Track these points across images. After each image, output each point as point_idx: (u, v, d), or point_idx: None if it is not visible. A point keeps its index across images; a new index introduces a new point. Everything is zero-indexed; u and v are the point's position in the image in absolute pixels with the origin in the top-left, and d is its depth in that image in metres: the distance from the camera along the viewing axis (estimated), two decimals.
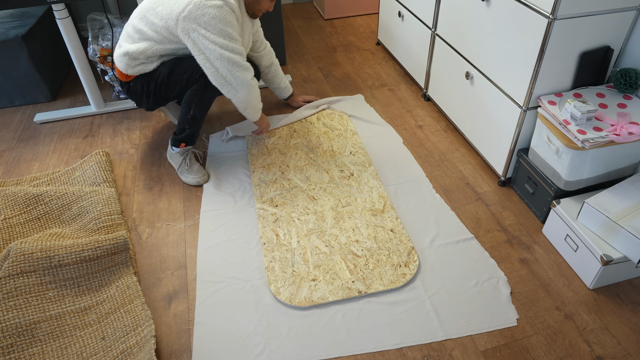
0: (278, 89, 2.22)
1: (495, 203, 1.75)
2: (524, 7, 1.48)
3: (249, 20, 1.79)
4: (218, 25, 1.57)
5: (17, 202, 1.68)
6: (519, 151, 1.71)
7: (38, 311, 1.34)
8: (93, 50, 2.20)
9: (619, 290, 1.43)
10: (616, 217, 1.36)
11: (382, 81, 2.53)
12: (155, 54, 1.70)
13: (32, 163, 2.02)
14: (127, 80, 1.78)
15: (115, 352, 1.27)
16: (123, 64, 1.72)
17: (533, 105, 1.59)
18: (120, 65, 1.73)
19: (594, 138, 1.40)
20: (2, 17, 2.43)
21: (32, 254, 1.39)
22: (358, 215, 1.69)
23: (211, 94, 1.76)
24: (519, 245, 1.59)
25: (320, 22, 3.27)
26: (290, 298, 1.42)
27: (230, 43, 1.61)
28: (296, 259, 1.54)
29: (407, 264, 1.51)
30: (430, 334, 1.33)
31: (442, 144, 2.06)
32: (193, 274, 1.53)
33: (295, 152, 2.00)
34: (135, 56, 1.69)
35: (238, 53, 1.64)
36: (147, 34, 1.66)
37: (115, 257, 1.50)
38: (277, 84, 2.20)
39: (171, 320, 1.39)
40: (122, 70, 1.74)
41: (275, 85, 2.21)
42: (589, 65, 1.54)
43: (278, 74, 2.17)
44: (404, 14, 2.41)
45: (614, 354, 1.27)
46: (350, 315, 1.38)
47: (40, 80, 2.36)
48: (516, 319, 1.36)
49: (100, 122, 2.27)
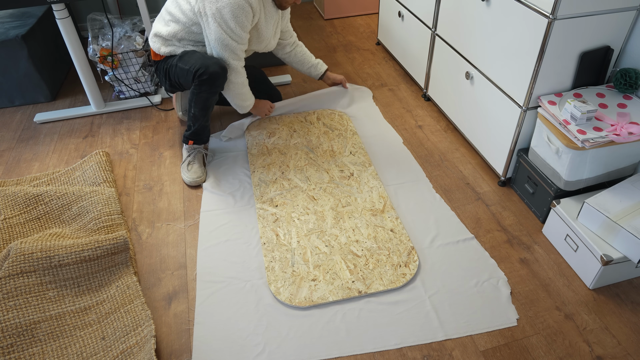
0: (311, 67, 2.20)
1: (495, 203, 1.75)
2: (524, 7, 1.48)
3: (275, 10, 1.84)
4: (228, 14, 1.64)
5: (17, 202, 1.68)
6: (519, 151, 1.71)
7: (38, 311, 1.34)
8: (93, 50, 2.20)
9: (619, 290, 1.43)
10: (616, 217, 1.36)
11: (382, 81, 2.53)
12: (185, 37, 1.79)
13: (32, 163, 2.02)
14: (158, 59, 1.88)
15: (115, 352, 1.27)
16: (156, 44, 1.83)
17: (533, 105, 1.59)
18: (154, 45, 1.84)
19: (594, 138, 1.40)
20: (2, 17, 2.43)
21: (32, 254, 1.39)
22: (358, 215, 1.69)
23: (206, 95, 1.78)
24: (519, 245, 1.59)
25: (320, 22, 3.27)
26: (290, 298, 1.42)
27: (232, 32, 1.68)
28: (296, 259, 1.54)
29: (407, 264, 1.51)
30: (430, 334, 1.33)
31: (442, 144, 2.06)
32: (193, 274, 1.53)
33: (295, 152, 2.00)
34: (167, 38, 1.80)
35: (235, 40, 1.71)
36: (176, 16, 1.76)
37: (115, 257, 1.50)
38: (307, 63, 2.19)
39: (171, 320, 1.39)
40: (155, 50, 1.84)
41: (307, 65, 2.19)
42: (589, 65, 1.54)
43: (305, 52, 2.18)
44: (404, 14, 2.41)
45: (614, 354, 1.27)
46: (350, 315, 1.38)
47: (40, 80, 2.36)
48: (516, 319, 1.36)
49: (100, 122, 2.27)
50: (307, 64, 2.18)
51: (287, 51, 2.14)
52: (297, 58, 2.16)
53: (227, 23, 1.65)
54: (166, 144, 2.10)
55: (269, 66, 2.71)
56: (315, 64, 2.20)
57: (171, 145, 2.09)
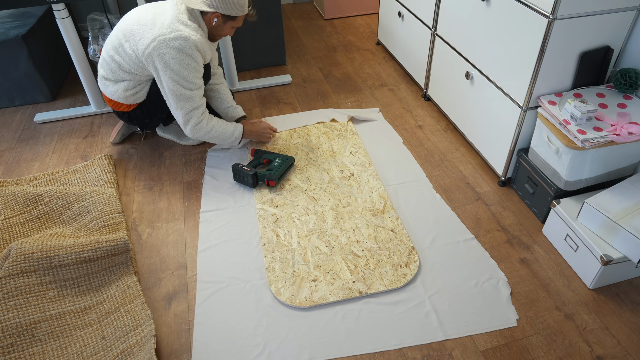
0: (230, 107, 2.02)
1: (495, 203, 1.75)
2: (524, 7, 1.48)
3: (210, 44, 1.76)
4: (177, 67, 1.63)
5: (17, 202, 1.68)
6: (519, 151, 1.71)
7: (38, 311, 1.34)
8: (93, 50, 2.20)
9: (619, 290, 1.43)
10: (616, 217, 1.36)
11: (382, 81, 2.53)
12: (142, 80, 1.77)
13: (32, 163, 2.02)
14: (128, 110, 1.85)
15: (116, 351, 1.27)
16: (121, 99, 1.79)
17: (533, 105, 1.59)
18: (119, 99, 1.80)
19: (594, 138, 1.40)
20: (2, 17, 2.43)
21: (32, 254, 1.39)
22: (358, 216, 1.69)
23: None
24: (519, 245, 1.59)
25: (320, 22, 3.27)
26: (290, 298, 1.42)
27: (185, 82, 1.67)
28: (296, 260, 1.54)
29: (408, 264, 1.51)
30: (430, 334, 1.33)
31: (442, 144, 2.06)
32: (193, 273, 1.53)
33: (296, 153, 2.00)
34: (126, 90, 1.77)
35: (188, 89, 1.69)
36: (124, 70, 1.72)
37: (115, 258, 1.50)
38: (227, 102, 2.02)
39: (171, 320, 1.39)
40: (123, 102, 1.80)
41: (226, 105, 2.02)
42: (589, 65, 1.54)
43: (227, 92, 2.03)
44: (404, 14, 2.41)
45: (614, 354, 1.27)
46: (350, 315, 1.38)
47: (40, 80, 2.36)
48: (516, 320, 1.36)
49: (101, 122, 2.27)
50: (227, 103, 2.02)
51: (215, 82, 1.99)
52: (219, 94, 2.00)
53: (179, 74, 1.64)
54: (166, 144, 2.10)
55: (269, 66, 2.71)
56: (235, 107, 2.03)
57: (171, 145, 2.09)
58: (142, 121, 1.89)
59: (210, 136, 1.81)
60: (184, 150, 2.06)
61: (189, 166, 1.97)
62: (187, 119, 1.74)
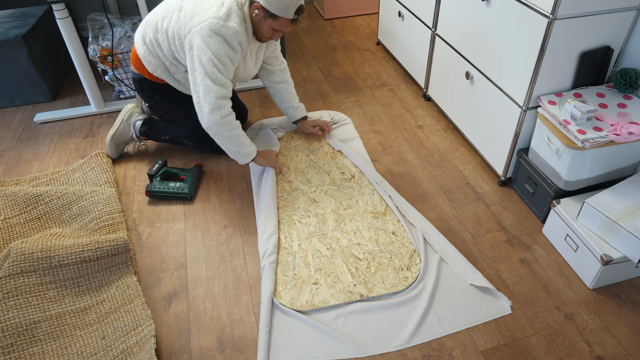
0: (290, 108, 2.02)
1: (495, 203, 1.75)
2: (524, 7, 1.48)
3: (254, 41, 1.71)
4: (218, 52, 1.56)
5: (17, 202, 1.68)
6: (519, 151, 1.71)
7: (38, 311, 1.34)
8: (93, 50, 2.20)
9: (619, 290, 1.43)
10: (616, 217, 1.36)
11: (382, 81, 2.53)
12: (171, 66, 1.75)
13: (32, 163, 2.02)
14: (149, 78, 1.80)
15: (116, 351, 1.27)
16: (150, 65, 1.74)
17: (533, 105, 1.59)
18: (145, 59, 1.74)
19: (594, 138, 1.40)
20: (2, 17, 2.43)
21: (32, 254, 1.39)
22: (359, 218, 1.69)
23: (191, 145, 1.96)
24: (519, 245, 1.59)
25: (320, 22, 3.27)
26: (291, 302, 1.41)
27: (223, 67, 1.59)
28: (297, 262, 1.54)
29: (409, 267, 1.51)
30: (430, 331, 1.32)
31: (442, 144, 2.06)
32: (193, 273, 1.53)
33: (296, 154, 2.00)
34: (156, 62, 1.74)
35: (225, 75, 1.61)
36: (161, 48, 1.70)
37: (115, 258, 1.50)
38: (288, 102, 2.01)
39: (171, 320, 1.39)
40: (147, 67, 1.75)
41: (286, 105, 2.02)
42: (589, 65, 1.54)
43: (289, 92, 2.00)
44: (404, 14, 2.41)
45: (614, 354, 1.27)
46: (351, 317, 1.37)
47: (40, 80, 2.36)
48: (510, 306, 1.36)
49: (101, 122, 2.27)
50: (287, 103, 2.01)
51: (274, 80, 1.96)
52: (279, 92, 1.98)
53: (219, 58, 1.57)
54: (166, 144, 2.10)
55: None
56: (295, 107, 2.03)
57: (171, 145, 2.09)
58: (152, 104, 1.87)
59: (230, 135, 1.65)
60: (183, 151, 2.06)
61: (189, 166, 1.97)
62: (217, 105, 1.59)
